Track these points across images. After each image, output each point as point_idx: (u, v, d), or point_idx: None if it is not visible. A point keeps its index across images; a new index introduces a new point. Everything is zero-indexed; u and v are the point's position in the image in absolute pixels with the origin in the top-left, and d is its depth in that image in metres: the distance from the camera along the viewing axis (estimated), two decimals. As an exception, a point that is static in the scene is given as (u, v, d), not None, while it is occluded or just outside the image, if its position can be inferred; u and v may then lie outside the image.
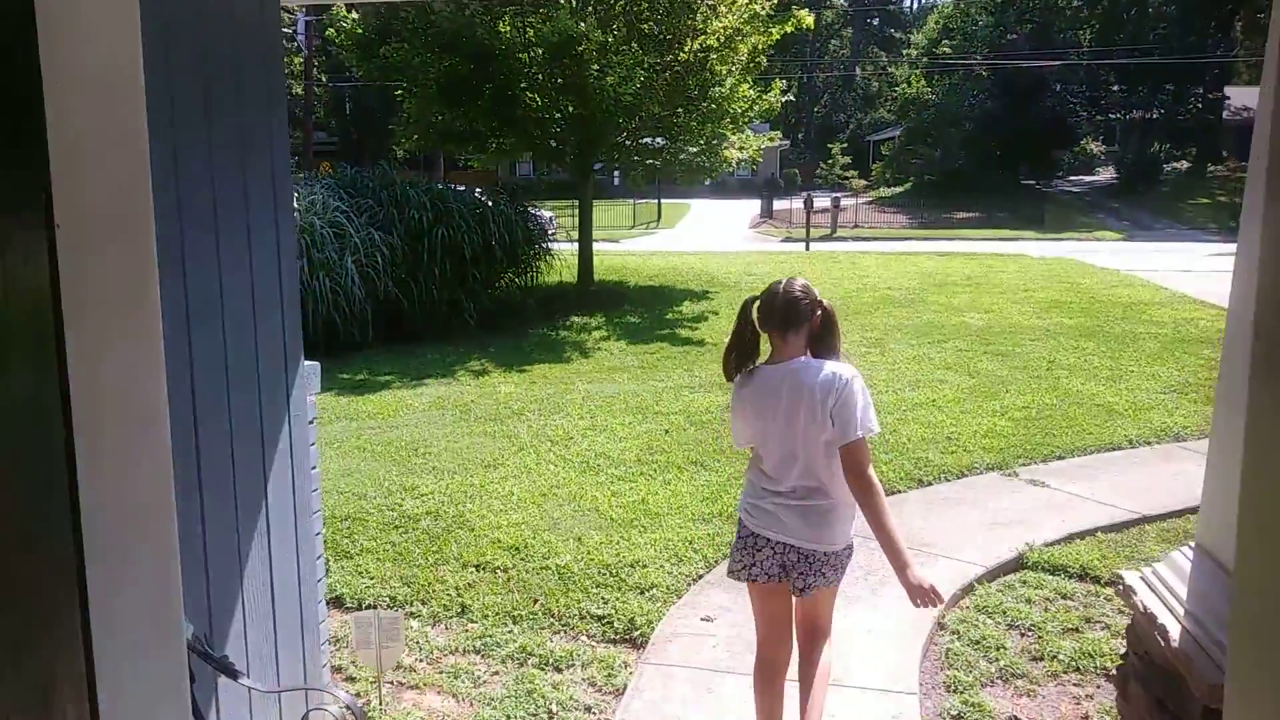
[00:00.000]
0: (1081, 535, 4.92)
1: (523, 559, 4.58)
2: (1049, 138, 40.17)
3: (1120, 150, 45.97)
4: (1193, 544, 2.66)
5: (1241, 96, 47.44)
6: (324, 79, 37.94)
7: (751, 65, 12.78)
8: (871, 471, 2.65)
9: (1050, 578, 4.43)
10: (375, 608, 4.08)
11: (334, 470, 6.05)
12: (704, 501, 5.31)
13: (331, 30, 13.16)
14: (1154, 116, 44.01)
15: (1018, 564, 4.60)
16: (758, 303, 2.77)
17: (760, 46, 12.64)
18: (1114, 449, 6.38)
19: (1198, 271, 16.39)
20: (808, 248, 21.71)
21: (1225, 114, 44.67)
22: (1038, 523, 5.08)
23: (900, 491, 5.60)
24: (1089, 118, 43.16)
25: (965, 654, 3.72)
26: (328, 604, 3.59)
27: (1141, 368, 8.52)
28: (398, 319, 10.95)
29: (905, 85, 43.79)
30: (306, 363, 2.94)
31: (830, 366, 2.67)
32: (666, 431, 6.73)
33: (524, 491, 5.53)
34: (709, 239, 26.88)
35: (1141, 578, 2.84)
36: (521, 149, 14.35)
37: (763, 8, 12.18)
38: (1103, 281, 14.23)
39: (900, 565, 2.61)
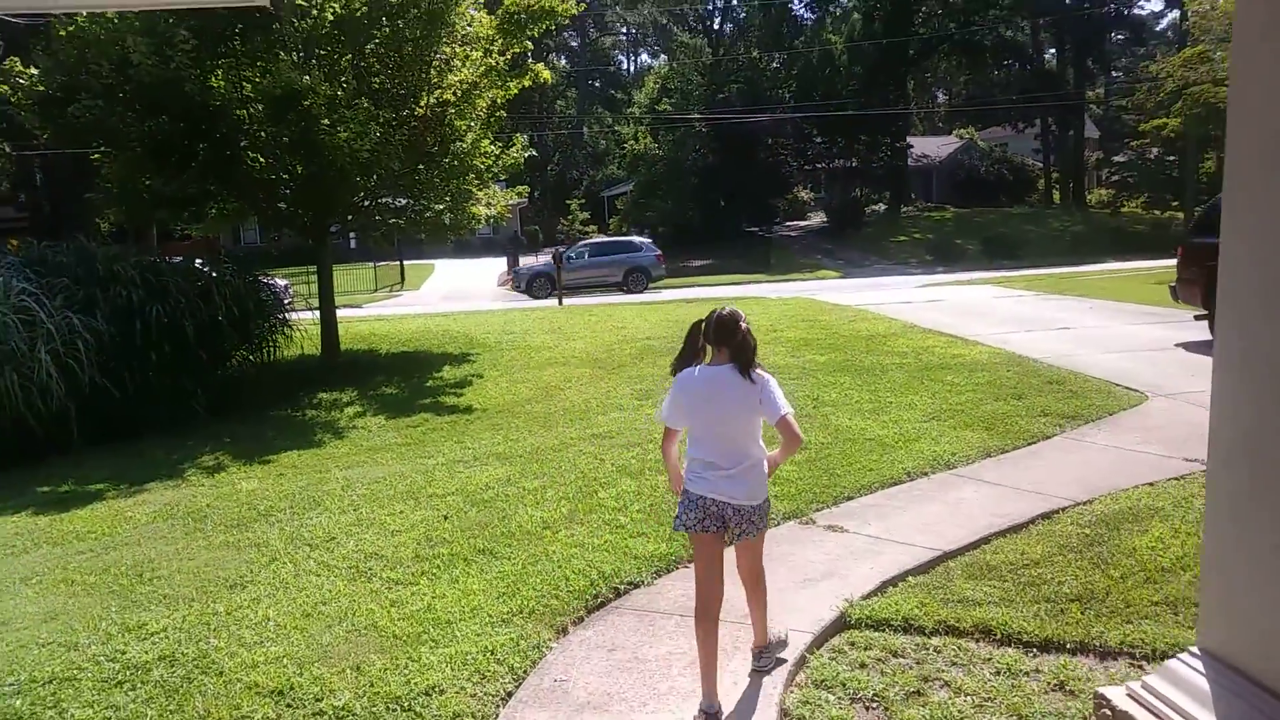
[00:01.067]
0: (894, 582, 4.78)
1: (289, 705, 3.74)
2: (765, 187, 43.11)
3: (827, 196, 50.18)
4: (1194, 649, 2.25)
5: (921, 144, 53.47)
6: (6, 147, 33.43)
7: (491, 120, 12.40)
8: (799, 430, 3.63)
9: (876, 635, 4.22)
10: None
11: (32, 616, 4.85)
12: (500, 598, 4.68)
13: (6, 87, 11.29)
14: (853, 165, 48.47)
15: (841, 624, 4.37)
16: (703, 323, 3.69)
17: (499, 100, 12.30)
18: (895, 483, 6.42)
19: (916, 303, 17.80)
20: (560, 302, 21.54)
21: (910, 160, 50.02)
22: (847, 573, 4.90)
23: (705, 556, 5.25)
24: (799, 168, 46.71)
25: (821, 744, 3.36)
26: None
27: (898, 398, 8.84)
28: (109, 414, 9.42)
29: (633, 142, 45.41)
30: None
31: (748, 371, 3.58)
32: (445, 517, 6.02)
33: (282, 614, 4.63)
34: (459, 298, 26.12)
35: (1133, 696, 2.31)
36: (246, 213, 13.06)
37: (498, 62, 11.86)
38: (840, 317, 14.99)
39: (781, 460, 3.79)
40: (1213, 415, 2.00)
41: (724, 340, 3.60)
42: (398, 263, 34.27)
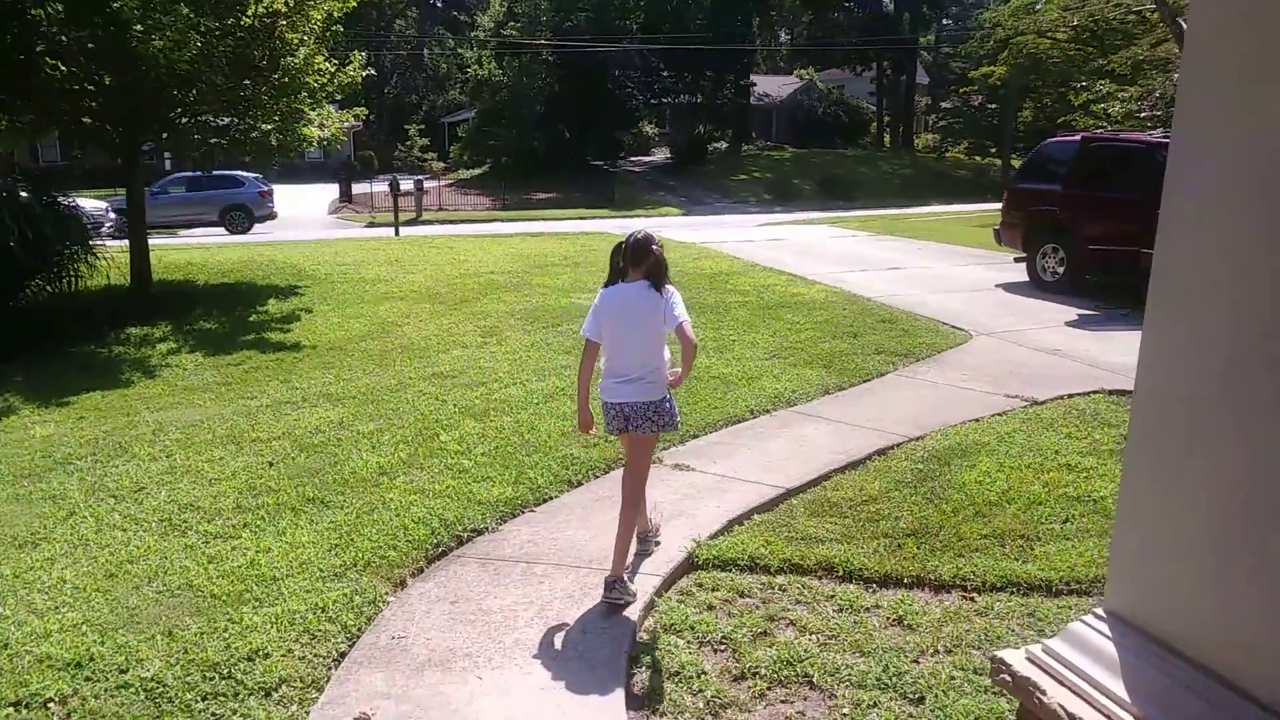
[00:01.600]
0: (740, 520, 4.80)
1: (89, 678, 3.37)
2: (612, 120, 42.59)
3: (672, 132, 50.18)
4: (1099, 610, 2.12)
5: (764, 84, 54.14)
6: None
7: (327, 35, 11.48)
8: (694, 336, 3.98)
9: (724, 575, 4.21)
10: None
11: None
12: (333, 550, 4.39)
13: None
14: (698, 101, 48.53)
15: (689, 565, 4.33)
16: (622, 246, 4.04)
17: (335, 14, 11.38)
18: (739, 421, 6.47)
19: (758, 242, 18.09)
20: (397, 232, 20.64)
21: (753, 99, 50.59)
22: (695, 512, 4.88)
23: (553, 498, 5.12)
24: (645, 102, 46.34)
25: (671, 693, 3.30)
26: None
27: (741, 336, 8.91)
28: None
29: (476, 67, 43.74)
30: None
31: (660, 287, 3.98)
32: (271, 464, 5.61)
33: (81, 575, 4.18)
34: (286, 226, 24.60)
35: (1034, 661, 2.15)
36: (45, 128, 11.68)
37: (334, -30, 10.96)
38: (685, 255, 15.02)
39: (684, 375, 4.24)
40: (1139, 370, 1.96)
41: (639, 261, 3.99)
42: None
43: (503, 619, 3.82)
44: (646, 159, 48.59)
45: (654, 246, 4.00)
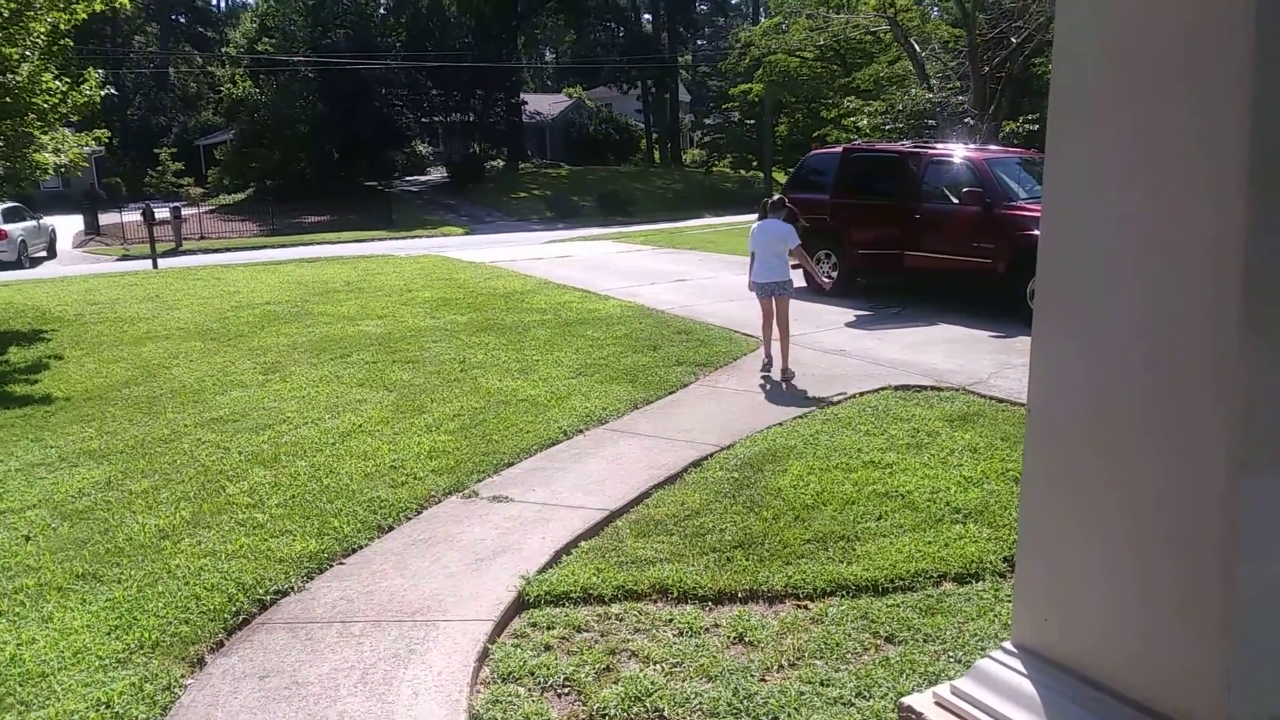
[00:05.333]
0: (567, 549, 4.64)
1: None
2: (382, 139, 41.33)
3: (446, 151, 49.35)
4: (1008, 645, 2.01)
5: (535, 102, 54.39)
6: None
7: (54, 50, 10.29)
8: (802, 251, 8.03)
9: (558, 611, 4.04)
10: None
11: None
12: (113, 633, 3.83)
13: None
14: (470, 119, 48.01)
15: (521, 604, 4.13)
16: (767, 202, 8.19)
17: (63, 26, 10.22)
18: (554, 443, 6.32)
19: (547, 259, 18.04)
20: (155, 265, 18.92)
21: (525, 117, 50.68)
22: (520, 546, 4.68)
23: (363, 546, 4.75)
24: (415, 120, 45.30)
25: (521, 747, 3.10)
26: None
27: (544, 356, 8.77)
28: None
29: (230, 85, 41.11)
30: None
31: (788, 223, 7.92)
32: (28, 538, 4.86)
33: None
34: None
35: (944, 705, 2.01)
36: None
37: (57, -23, 9.83)
38: (476, 275, 14.73)
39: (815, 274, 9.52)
40: (1030, 387, 1.89)
41: (778, 209, 8.03)
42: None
43: (322, 690, 3.47)
44: (423, 178, 47.50)
45: (786, 201, 8.31)
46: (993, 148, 14.60)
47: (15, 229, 21.98)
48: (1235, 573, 1.52)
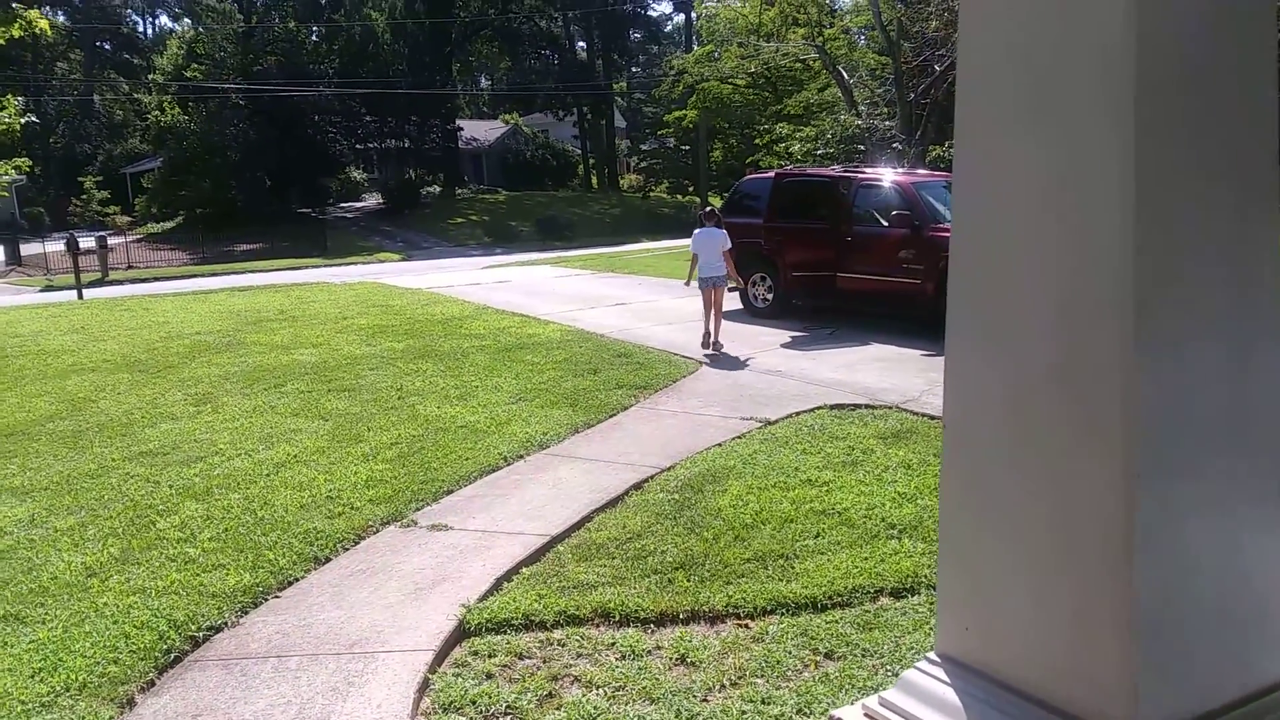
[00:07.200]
0: (508, 576, 4.62)
1: None
2: (315, 166, 40.87)
3: (382, 177, 48.96)
4: (932, 655, 2.04)
5: (471, 128, 54.32)
6: None
7: (-32, 76, 10.04)
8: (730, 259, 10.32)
9: (499, 639, 4.02)
10: None
11: None
12: (37, 675, 3.71)
13: None
14: (406, 145, 47.76)
15: (461, 633, 4.11)
16: (702, 214, 10.82)
17: (-21, 52, 9.98)
18: (494, 470, 6.29)
19: (485, 284, 17.98)
20: (80, 295, 18.38)
21: (460, 143, 50.58)
22: (460, 575, 4.65)
23: (298, 579, 4.67)
24: (350, 147, 44.91)
25: (463, 776, 3.08)
26: None
27: (484, 381, 8.74)
28: None
29: (158, 113, 40.30)
30: None
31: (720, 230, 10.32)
32: (-60, 584, 4.69)
33: None
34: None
35: (872, 717, 2.05)
36: None
37: (-28, 4, 9.58)
38: (413, 301, 14.61)
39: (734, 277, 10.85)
40: (946, 399, 1.94)
41: (711, 219, 10.31)
42: None
43: (260, 726, 3.40)
44: (359, 204, 47.03)
45: (718, 213, 10.73)
46: (920, 172, 15.01)
47: None
48: (1135, 579, 1.60)
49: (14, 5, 10.23)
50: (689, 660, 3.75)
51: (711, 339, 10.20)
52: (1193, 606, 1.70)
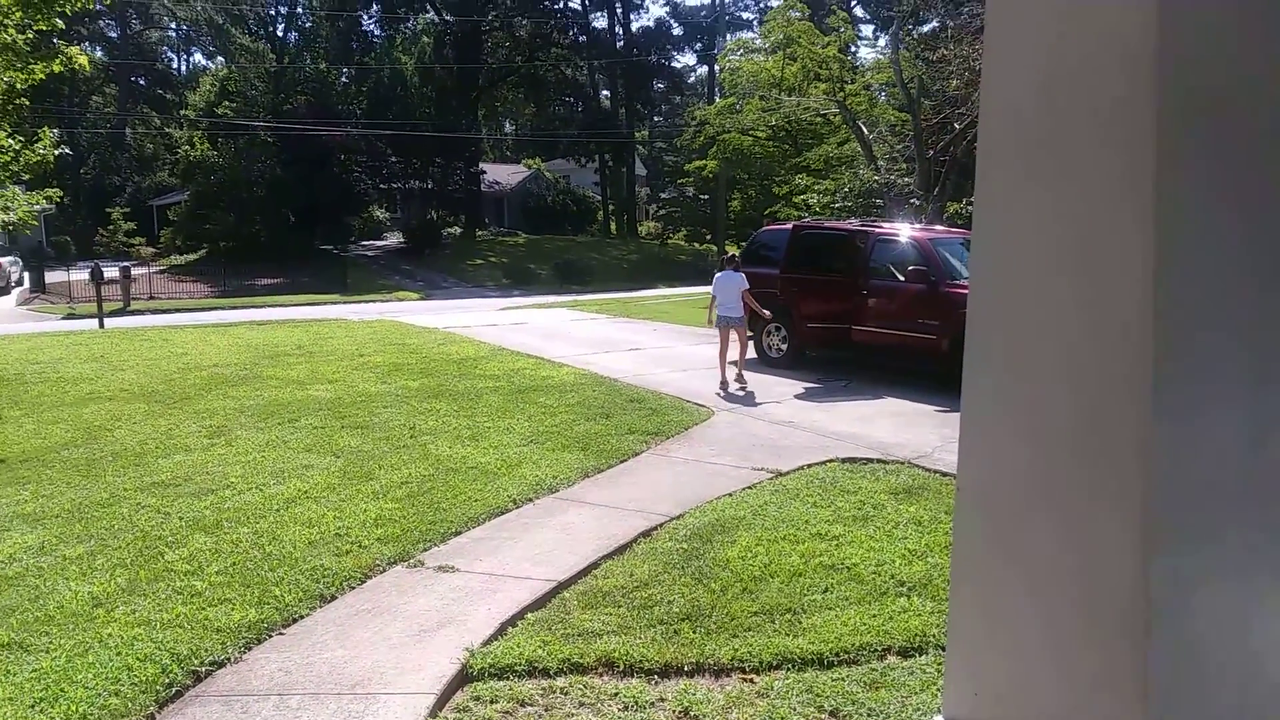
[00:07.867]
0: (513, 621, 4.59)
1: None
2: (339, 204, 41.42)
3: (404, 217, 49.55)
4: (938, 718, 2.02)
5: (494, 171, 55.04)
6: None
7: (9, 109, 10.26)
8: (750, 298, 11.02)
9: (501, 684, 3.98)
10: None
11: None
12: (38, 706, 3.68)
13: None
14: (429, 186, 48.39)
15: (464, 678, 4.07)
16: (723, 259, 12.13)
17: (19, 85, 10.20)
18: (503, 512, 6.27)
19: (502, 325, 18.09)
20: (102, 324, 18.60)
21: (483, 186, 51.21)
22: (465, 618, 4.62)
23: (304, 616, 4.65)
24: (374, 186, 45.53)
25: (460, 825, 3.03)
26: None
27: (496, 423, 8.75)
28: None
29: (188, 147, 41.03)
30: None
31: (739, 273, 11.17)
32: (-53, 609, 4.69)
33: None
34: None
35: None
36: None
37: (15, 39, 9.82)
38: (429, 340, 14.70)
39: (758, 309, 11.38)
40: (961, 461, 1.93)
41: (730, 262, 11.29)
42: None
43: (257, 765, 3.37)
44: (380, 243, 47.52)
45: (738, 259, 11.66)
46: (937, 228, 15.08)
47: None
48: (1149, 647, 1.57)
49: (55, 41, 10.51)
50: (692, 714, 3.70)
51: (737, 372, 11.00)
52: (1211, 680, 1.67)
